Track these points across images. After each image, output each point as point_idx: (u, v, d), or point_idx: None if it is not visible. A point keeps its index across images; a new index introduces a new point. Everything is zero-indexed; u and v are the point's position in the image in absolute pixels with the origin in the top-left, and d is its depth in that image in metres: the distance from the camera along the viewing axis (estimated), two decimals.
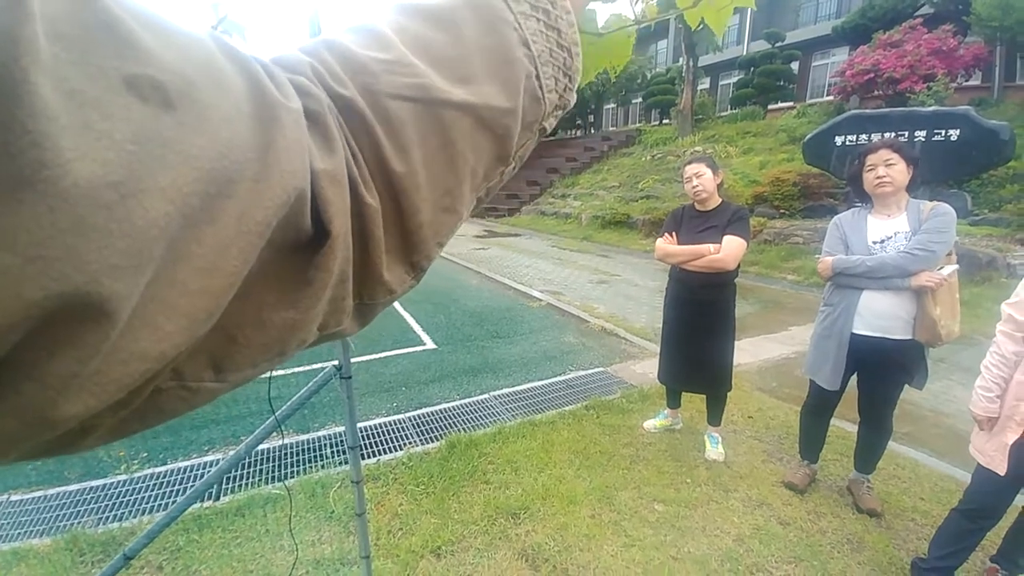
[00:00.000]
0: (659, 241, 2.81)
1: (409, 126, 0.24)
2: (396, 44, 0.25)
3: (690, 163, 2.71)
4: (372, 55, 0.25)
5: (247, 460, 2.81)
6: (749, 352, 4.60)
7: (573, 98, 0.31)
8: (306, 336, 0.24)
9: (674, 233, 2.75)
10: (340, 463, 2.82)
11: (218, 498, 2.48)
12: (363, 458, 2.87)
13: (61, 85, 0.14)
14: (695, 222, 2.70)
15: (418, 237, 0.26)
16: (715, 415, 2.95)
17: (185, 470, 2.77)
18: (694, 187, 2.64)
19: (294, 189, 0.20)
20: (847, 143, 8.86)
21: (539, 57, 0.27)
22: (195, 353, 0.20)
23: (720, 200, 2.70)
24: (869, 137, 8.34)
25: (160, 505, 2.49)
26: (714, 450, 2.89)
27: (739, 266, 2.63)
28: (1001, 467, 1.75)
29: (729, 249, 2.54)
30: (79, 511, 2.44)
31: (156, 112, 0.16)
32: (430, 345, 4.97)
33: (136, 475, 2.73)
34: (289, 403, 1.41)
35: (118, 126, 0.15)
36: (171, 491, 2.59)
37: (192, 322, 0.18)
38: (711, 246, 2.58)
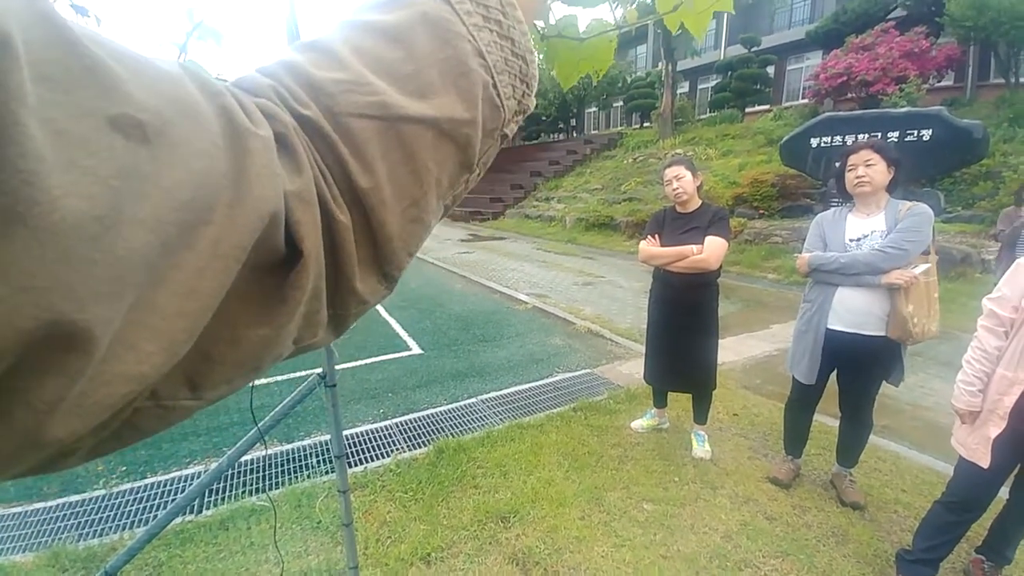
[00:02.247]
0: (642, 243, 2.84)
1: (372, 143, 0.25)
2: (353, 63, 0.26)
3: (670, 166, 2.74)
4: (330, 76, 0.25)
5: (230, 472, 2.75)
6: (733, 350, 4.66)
7: (532, 103, 0.32)
8: (281, 351, 0.25)
9: (657, 235, 2.78)
10: (326, 472, 2.78)
11: (201, 511, 2.43)
12: (350, 466, 2.84)
13: (48, 125, 0.15)
14: (677, 224, 2.74)
15: (389, 249, 0.27)
16: (701, 414, 2.98)
17: (165, 484, 2.70)
18: (675, 189, 2.67)
19: (268, 213, 0.21)
20: (822, 145, 9.07)
21: (495, 66, 0.28)
22: (171, 372, 0.20)
23: (700, 202, 2.74)
24: (843, 139, 8.54)
25: (141, 520, 2.42)
26: (701, 448, 2.92)
27: (721, 266, 2.67)
28: (984, 460, 1.77)
29: (711, 249, 2.58)
30: (60, 527, 2.37)
31: (136, 148, 0.17)
32: (416, 350, 4.94)
33: (115, 490, 2.66)
34: (272, 413, 1.38)
35: (102, 163, 0.16)
36: (152, 505, 2.53)
37: (172, 343, 0.19)
38: (693, 247, 2.61)
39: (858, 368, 2.36)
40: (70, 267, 0.15)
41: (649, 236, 2.81)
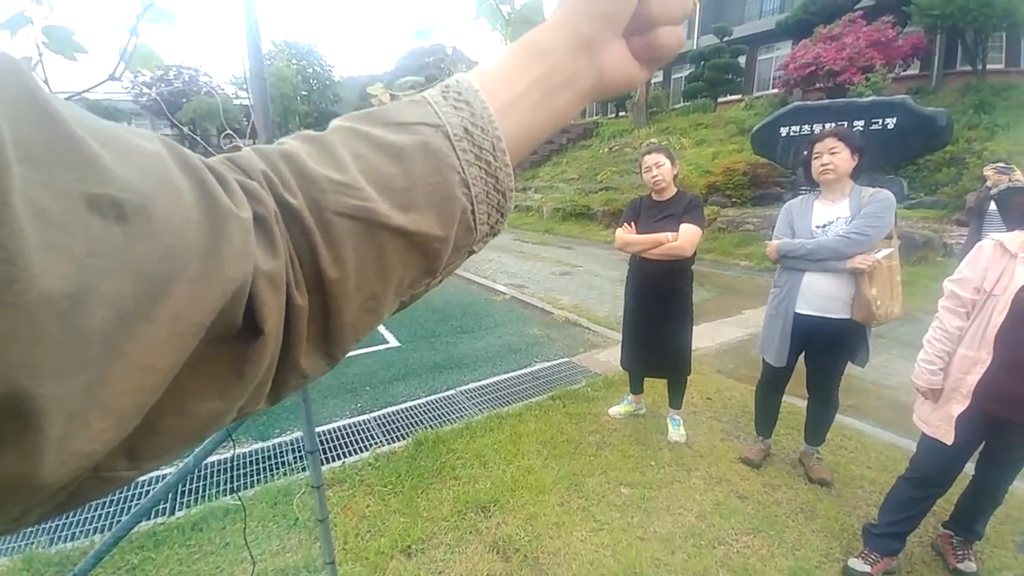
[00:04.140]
0: (619, 231, 2.86)
1: (348, 240, 0.27)
2: (351, 168, 0.28)
3: (648, 153, 2.76)
4: (326, 173, 0.27)
5: (200, 472, 2.69)
6: (707, 336, 4.75)
7: (503, 227, 0.35)
8: (226, 421, 0.25)
9: (633, 223, 2.80)
10: (303, 469, 2.74)
11: (172, 513, 2.38)
12: (327, 461, 2.81)
13: (31, 206, 0.15)
14: (652, 211, 2.76)
15: (339, 335, 0.28)
16: (676, 398, 3.04)
17: (138, 486, 2.63)
18: (654, 177, 2.69)
19: (231, 291, 0.22)
20: (791, 134, 9.27)
21: (476, 197, 0.31)
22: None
23: (676, 190, 2.77)
24: (811, 127, 8.74)
25: (110, 524, 2.36)
26: (676, 432, 2.98)
27: (696, 252, 2.71)
28: (948, 437, 1.83)
29: (686, 236, 2.62)
30: (32, 531, 2.29)
31: (111, 227, 0.17)
32: (394, 343, 4.90)
33: None
34: None
35: (78, 242, 0.16)
36: (124, 508, 2.46)
37: (122, 419, 0.19)
38: (669, 234, 2.64)
39: (825, 350, 2.44)
40: (37, 343, 0.15)
41: (625, 223, 2.83)
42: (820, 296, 2.33)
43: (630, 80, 0.37)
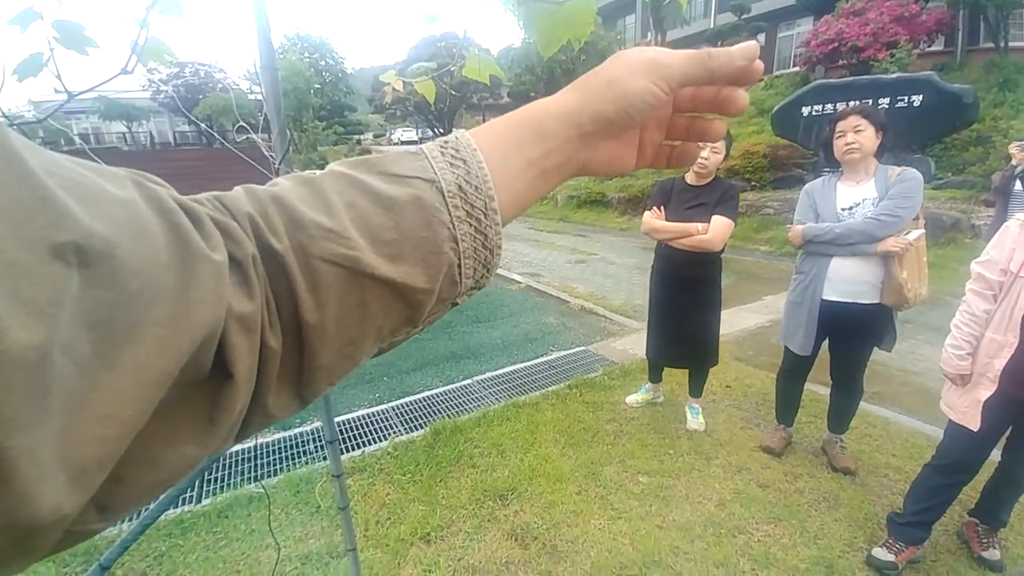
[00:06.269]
0: (646, 215, 2.73)
1: (331, 287, 0.27)
2: (342, 216, 0.28)
3: None
4: (316, 219, 0.27)
5: (225, 461, 2.75)
6: (726, 323, 4.64)
7: (489, 281, 0.35)
8: (198, 465, 0.25)
9: (662, 207, 2.68)
10: (324, 458, 2.79)
11: (199, 501, 2.44)
12: (347, 450, 2.85)
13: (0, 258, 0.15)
14: (685, 196, 2.63)
15: (312, 378, 0.28)
16: (697, 387, 3.00)
17: None
18: (704, 159, 2.50)
19: (203, 338, 0.21)
20: (813, 113, 9.00)
21: (464, 253, 0.31)
22: None
23: (714, 176, 2.62)
24: (835, 106, 8.46)
25: (137, 512, 2.43)
26: (695, 420, 2.95)
27: (725, 243, 2.59)
28: (974, 423, 1.79)
29: (717, 230, 2.49)
30: None
31: (72, 273, 0.17)
32: None
33: None
34: None
35: (42, 292, 0.16)
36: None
37: (87, 472, 0.18)
38: (699, 225, 2.52)
39: (852, 336, 2.37)
40: (7, 395, 0.15)
41: (654, 207, 2.70)
42: (848, 281, 2.26)
43: (612, 171, 0.39)
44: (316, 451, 2.85)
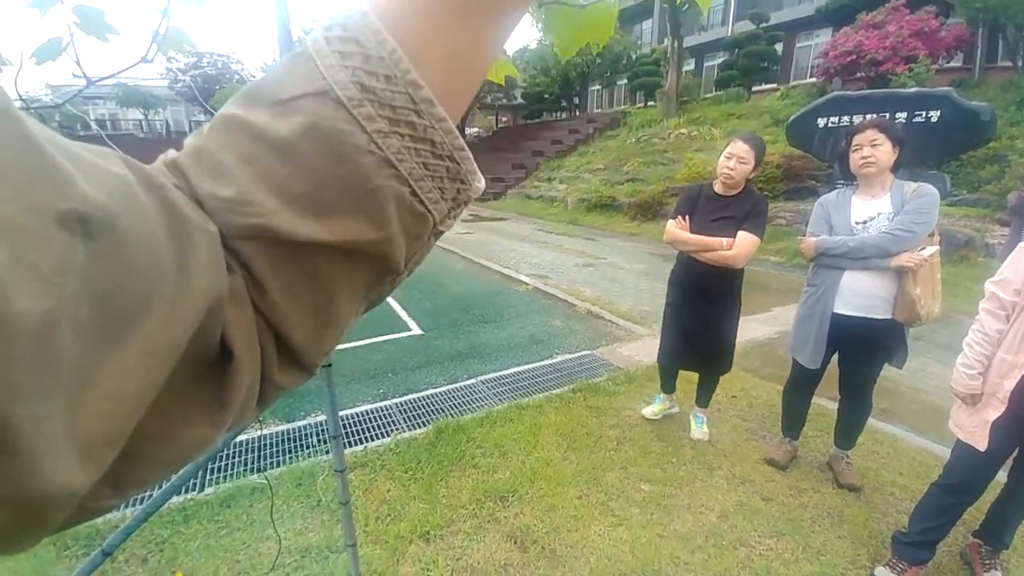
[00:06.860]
0: (670, 223, 2.65)
1: (256, 263, 0.23)
2: (239, 177, 0.23)
3: (740, 140, 2.43)
4: (213, 191, 0.23)
5: (230, 451, 2.77)
6: None
7: (476, 192, 0.29)
8: (212, 445, 0.24)
9: (687, 216, 2.59)
10: (326, 452, 2.80)
11: (202, 489, 2.45)
12: (350, 445, 2.86)
13: (1, 221, 0.15)
14: (712, 205, 2.53)
15: (300, 352, 0.26)
16: (704, 396, 2.97)
17: None
18: (730, 169, 2.41)
19: (206, 308, 0.21)
20: (829, 125, 8.92)
21: (411, 175, 0.24)
22: None
23: (744, 186, 2.51)
24: (851, 119, 8.39)
25: (144, 498, 2.44)
26: (699, 430, 2.92)
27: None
28: (982, 443, 1.77)
29: (742, 246, 2.41)
30: None
31: (77, 243, 0.17)
32: (416, 331, 4.94)
33: None
34: None
35: (47, 259, 0.16)
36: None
37: (100, 448, 0.18)
38: (724, 240, 2.43)
39: (863, 352, 2.35)
40: (12, 363, 0.15)
41: (679, 216, 2.61)
42: (861, 296, 2.24)
43: None
44: (319, 444, 2.86)
